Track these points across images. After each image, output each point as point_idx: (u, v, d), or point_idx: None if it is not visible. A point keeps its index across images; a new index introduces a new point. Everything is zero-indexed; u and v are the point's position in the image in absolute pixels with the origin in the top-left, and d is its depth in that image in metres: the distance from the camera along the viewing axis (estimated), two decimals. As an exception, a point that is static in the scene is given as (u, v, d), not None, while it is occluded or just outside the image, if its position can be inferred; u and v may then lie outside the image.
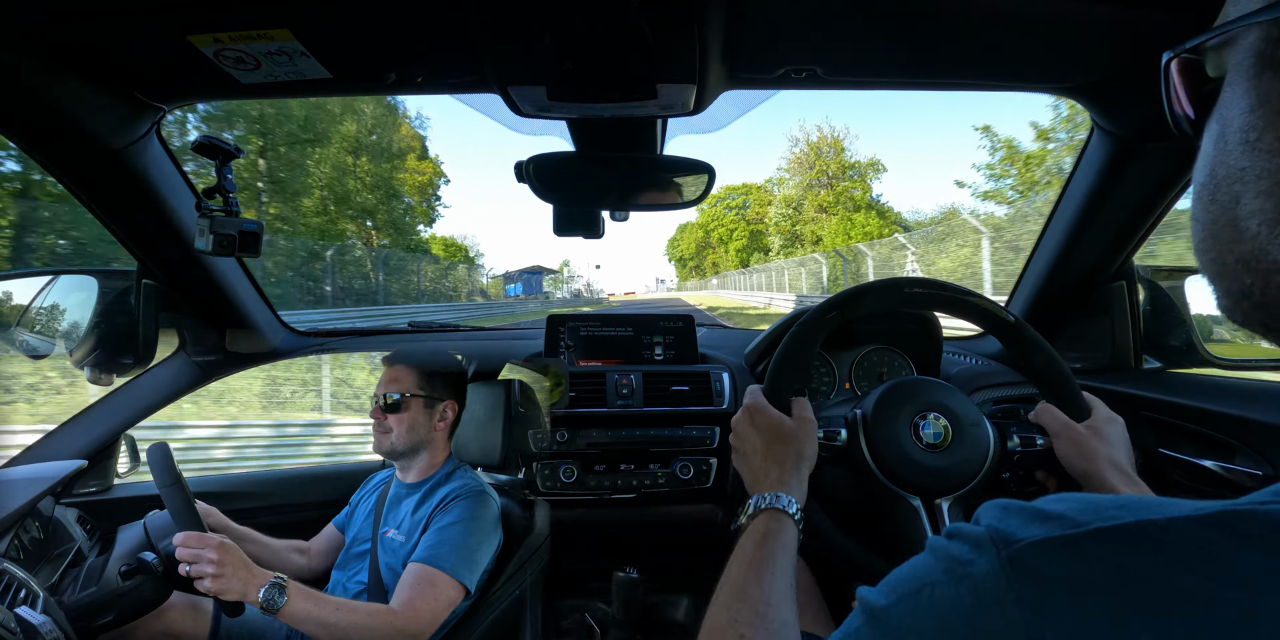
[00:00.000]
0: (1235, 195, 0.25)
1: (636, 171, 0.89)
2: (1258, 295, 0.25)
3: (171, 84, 0.75)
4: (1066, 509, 0.24)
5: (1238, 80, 0.26)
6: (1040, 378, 0.74)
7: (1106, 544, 0.22)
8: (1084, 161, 0.95)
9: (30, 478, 0.99)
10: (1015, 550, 0.24)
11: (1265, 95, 0.24)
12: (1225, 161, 0.26)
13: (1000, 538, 0.25)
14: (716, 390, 1.15)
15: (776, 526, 0.57)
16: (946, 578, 0.26)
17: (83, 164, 0.83)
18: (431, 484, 1.15)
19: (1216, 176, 0.26)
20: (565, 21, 0.62)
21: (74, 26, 0.62)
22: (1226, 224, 0.25)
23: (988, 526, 0.25)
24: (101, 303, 1.05)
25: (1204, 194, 0.27)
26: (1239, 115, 0.25)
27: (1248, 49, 0.25)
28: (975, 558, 0.25)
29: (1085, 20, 0.65)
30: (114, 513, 1.19)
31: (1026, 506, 0.26)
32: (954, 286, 0.74)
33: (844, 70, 0.75)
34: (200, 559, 0.85)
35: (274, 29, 0.63)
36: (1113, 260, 1.04)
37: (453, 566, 1.01)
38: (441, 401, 1.17)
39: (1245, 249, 0.25)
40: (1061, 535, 0.23)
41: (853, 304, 0.73)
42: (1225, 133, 0.26)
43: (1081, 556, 0.22)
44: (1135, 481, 0.66)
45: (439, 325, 1.53)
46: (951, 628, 0.25)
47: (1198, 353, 1.00)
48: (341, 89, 0.77)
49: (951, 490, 0.70)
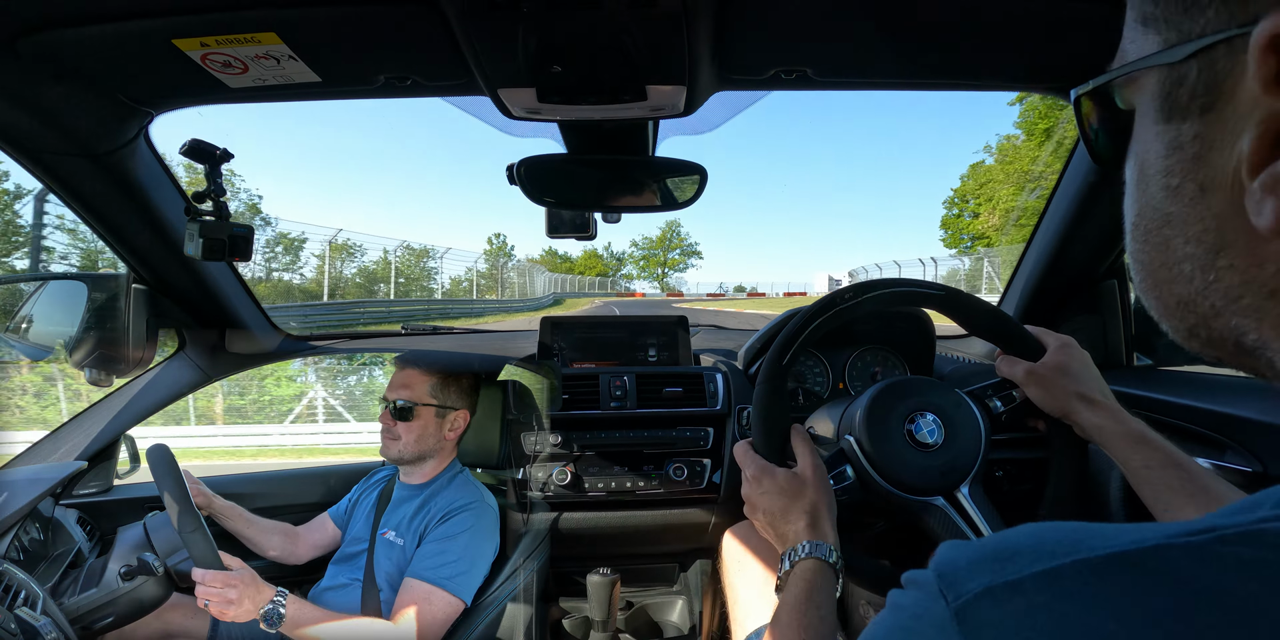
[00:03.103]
0: (1165, 239, 0.25)
1: (628, 173, 0.89)
2: (1203, 336, 0.25)
3: (158, 88, 0.75)
4: (1015, 547, 0.23)
5: (1147, 122, 0.25)
6: (988, 332, 0.76)
7: (1047, 590, 0.21)
8: (1075, 160, 0.95)
9: (30, 479, 1.00)
10: (964, 602, 0.23)
11: (1175, 141, 0.23)
12: (1151, 204, 0.25)
13: (948, 587, 0.23)
14: (710, 391, 1.15)
15: (819, 579, 0.57)
16: (904, 634, 0.25)
17: (70, 169, 0.82)
18: (433, 489, 1.15)
19: (1144, 218, 0.26)
20: (554, 23, 0.61)
21: (59, 32, 0.61)
22: (1161, 266, 0.25)
23: (937, 574, 0.24)
24: (91, 307, 1.05)
25: (1136, 234, 0.26)
26: (1155, 159, 0.24)
27: (1151, 91, 0.24)
28: (927, 609, 0.24)
29: (1075, 18, 0.65)
30: (114, 513, 1.20)
31: (979, 548, 0.25)
32: (881, 281, 0.74)
33: (834, 71, 0.75)
34: (217, 601, 0.88)
35: (261, 32, 0.63)
36: (1104, 258, 1.04)
37: (451, 582, 1.02)
38: (454, 411, 1.16)
39: (1182, 292, 0.25)
40: (1005, 582, 0.22)
41: (800, 333, 0.71)
42: (1145, 174, 0.25)
43: (1025, 604, 0.21)
44: (1104, 408, 0.68)
45: (433, 328, 1.53)
46: None
47: (1188, 350, 1.01)
48: (330, 93, 0.77)
49: (963, 478, 0.71)
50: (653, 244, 72.08)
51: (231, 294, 1.15)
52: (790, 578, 0.58)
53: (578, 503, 1.10)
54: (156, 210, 0.92)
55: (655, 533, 1.13)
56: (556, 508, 1.11)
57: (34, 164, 0.81)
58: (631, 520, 1.12)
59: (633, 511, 1.12)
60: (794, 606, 0.55)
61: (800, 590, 0.56)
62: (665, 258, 71.54)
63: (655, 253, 71.93)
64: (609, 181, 0.88)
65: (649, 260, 72.40)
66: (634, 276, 73.06)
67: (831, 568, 0.58)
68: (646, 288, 67.98)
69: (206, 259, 0.79)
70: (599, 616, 1.04)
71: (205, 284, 1.09)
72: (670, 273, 72.02)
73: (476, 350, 1.37)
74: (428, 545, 1.06)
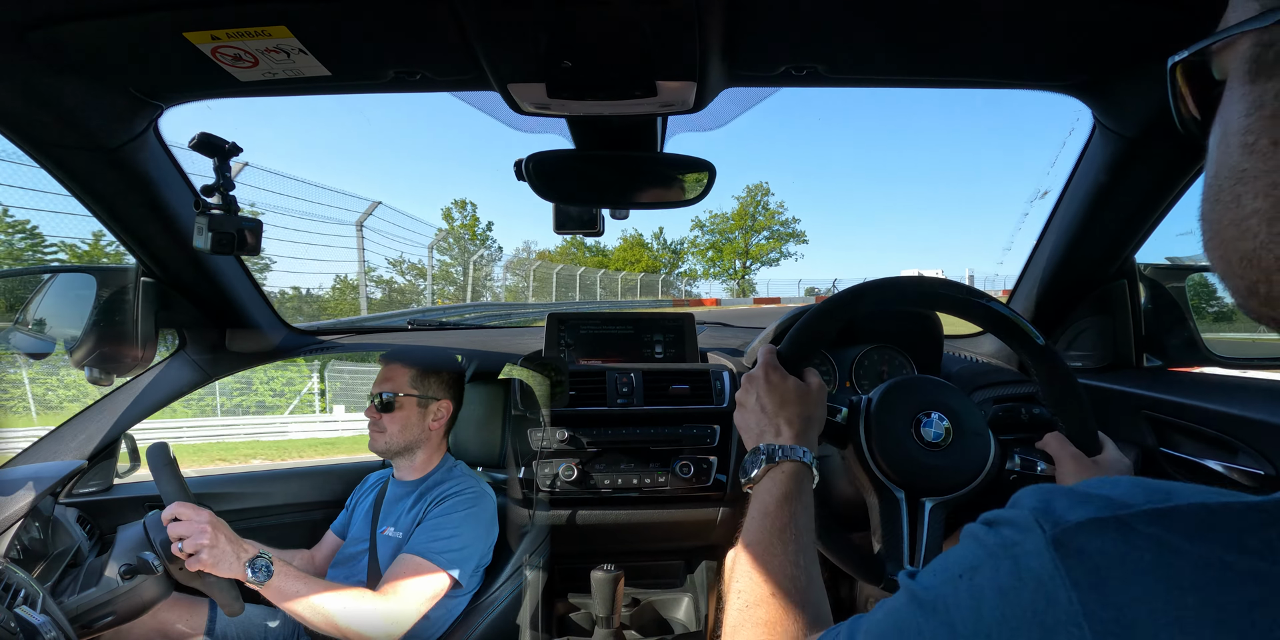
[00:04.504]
0: (1237, 196, 0.26)
1: (636, 169, 0.88)
2: (1263, 292, 0.26)
3: (169, 82, 0.75)
4: (1113, 492, 0.25)
5: (1235, 84, 0.27)
6: (1059, 406, 0.72)
7: (1158, 524, 0.22)
8: (1084, 160, 0.95)
9: (30, 478, 0.99)
10: (1062, 530, 0.24)
11: (1259, 99, 0.25)
12: (1227, 163, 0.26)
13: (1046, 518, 0.25)
14: (717, 389, 1.15)
15: (795, 486, 0.58)
16: (991, 560, 0.26)
17: (80, 162, 0.83)
18: (428, 482, 1.15)
19: (1220, 177, 0.27)
20: (565, 19, 0.61)
21: (70, 25, 0.61)
22: (1230, 223, 0.26)
23: (1032, 508, 0.26)
24: (100, 300, 1.05)
25: (1209, 194, 0.28)
26: (1237, 118, 0.26)
27: (1243, 55, 0.26)
28: (1021, 539, 0.25)
29: (1086, 18, 0.64)
30: (114, 513, 1.19)
31: (1072, 489, 0.26)
32: (990, 299, 0.73)
33: (844, 68, 0.75)
34: (194, 533, 0.86)
35: (271, 26, 0.63)
36: (1114, 258, 1.04)
37: (442, 557, 1.02)
38: (435, 401, 1.17)
39: (1248, 247, 0.26)
40: (1112, 516, 0.23)
41: (882, 295, 0.72)
42: (1226, 135, 0.27)
43: (1132, 536, 0.22)
44: None
45: (439, 323, 1.54)
46: (998, 607, 0.25)
47: (1199, 351, 1.00)
48: (340, 87, 0.77)
49: (939, 492, 0.70)
50: (727, 222, 40.35)
51: (239, 288, 1.15)
52: (772, 473, 0.59)
53: (584, 499, 1.10)
54: (165, 204, 0.92)
55: (662, 530, 1.13)
56: (563, 504, 1.10)
57: (44, 157, 0.81)
58: (638, 517, 1.11)
59: (639, 509, 1.11)
60: (782, 500, 0.56)
61: (788, 487, 0.57)
62: (746, 245, 40.56)
63: (731, 236, 40.76)
64: (617, 177, 0.87)
65: (721, 249, 41.18)
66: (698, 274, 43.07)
67: (811, 475, 0.60)
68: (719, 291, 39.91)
69: (215, 253, 0.79)
70: (603, 612, 1.03)
71: (213, 277, 1.09)
72: (755, 267, 41.26)
73: (485, 347, 1.37)
74: (424, 525, 1.08)
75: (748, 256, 41.13)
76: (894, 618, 0.30)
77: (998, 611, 0.25)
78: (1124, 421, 0.95)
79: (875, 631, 0.31)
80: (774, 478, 0.59)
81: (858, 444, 0.72)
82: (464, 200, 30.97)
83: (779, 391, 0.66)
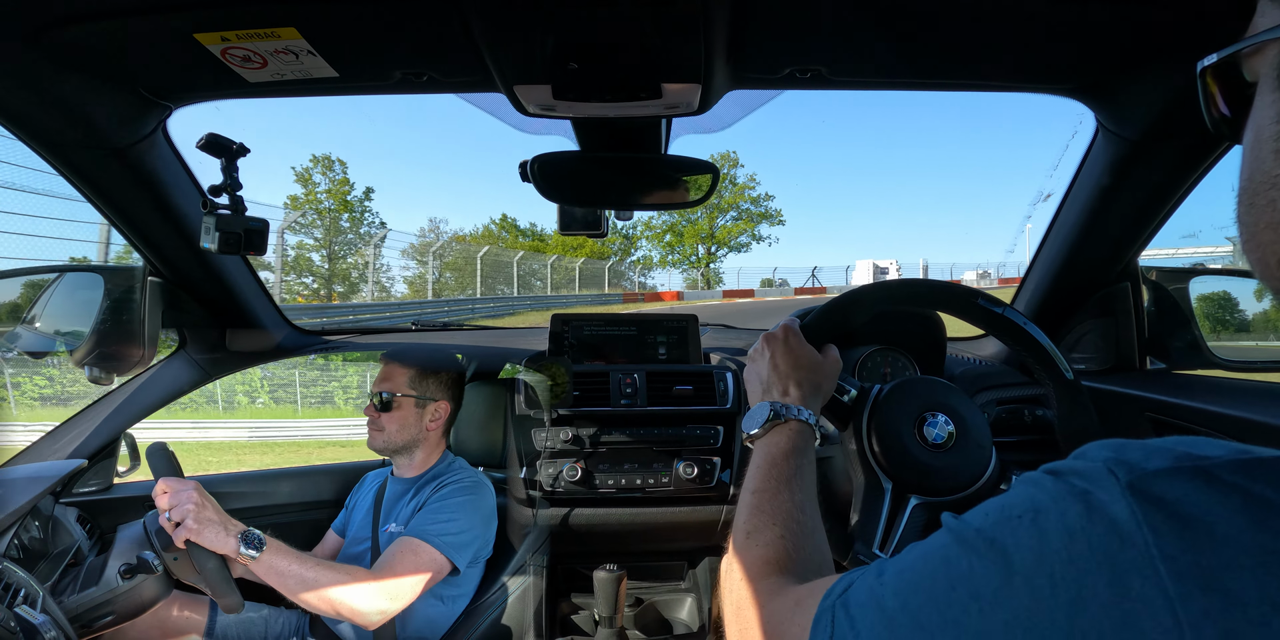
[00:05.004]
0: (1271, 200, 0.26)
1: (640, 171, 0.89)
2: None
3: (178, 82, 0.75)
4: (1191, 447, 0.24)
5: (1266, 90, 0.27)
6: (1073, 439, 0.73)
7: (1240, 474, 0.22)
8: (1087, 162, 0.95)
9: (30, 477, 0.99)
10: (1138, 476, 0.23)
11: None
12: (1260, 168, 0.27)
13: (1121, 466, 0.24)
14: (720, 390, 1.15)
15: (801, 443, 0.59)
16: (1058, 503, 0.25)
17: (89, 161, 0.83)
18: (428, 478, 1.16)
19: (1254, 182, 0.27)
20: (570, 21, 0.62)
21: (81, 25, 0.62)
22: (1266, 227, 0.27)
23: (1105, 459, 0.25)
24: (108, 299, 1.05)
25: (1244, 198, 0.28)
26: (1268, 124, 0.26)
27: (1271, 61, 0.26)
28: (1091, 487, 0.24)
29: (1088, 21, 0.65)
30: (114, 512, 1.19)
31: (1145, 442, 0.26)
32: (1022, 319, 0.72)
33: (848, 70, 0.75)
34: (180, 501, 0.86)
35: (281, 27, 0.63)
36: (1117, 261, 1.04)
37: (437, 539, 1.02)
38: (433, 401, 1.17)
39: None
40: (1192, 466, 0.23)
41: (916, 296, 0.73)
42: (1259, 141, 0.27)
43: (1216, 484, 0.22)
44: None
45: (443, 324, 1.54)
46: (1064, 547, 0.24)
47: (1202, 354, 1.00)
48: (348, 88, 0.77)
49: (927, 492, 0.69)
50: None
51: (244, 287, 1.16)
52: (778, 430, 0.60)
53: (587, 499, 1.10)
54: (173, 203, 0.92)
55: (665, 530, 1.13)
56: (567, 504, 1.10)
57: (54, 156, 0.81)
58: (641, 517, 1.11)
59: (642, 508, 1.11)
60: (789, 452, 0.57)
61: (795, 442, 0.58)
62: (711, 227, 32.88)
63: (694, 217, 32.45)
64: (622, 179, 0.88)
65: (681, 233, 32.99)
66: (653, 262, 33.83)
67: (814, 436, 0.61)
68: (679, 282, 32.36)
69: (222, 252, 0.79)
70: (605, 612, 1.03)
71: (219, 277, 1.10)
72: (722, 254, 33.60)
73: (489, 347, 1.37)
74: (424, 510, 1.08)
75: (713, 240, 33.12)
76: (936, 557, 0.29)
77: (1064, 552, 0.24)
78: (1127, 424, 0.95)
79: (914, 570, 0.30)
80: (781, 432, 0.59)
81: (858, 427, 0.71)
82: (327, 156, 22.17)
83: (794, 354, 0.66)
